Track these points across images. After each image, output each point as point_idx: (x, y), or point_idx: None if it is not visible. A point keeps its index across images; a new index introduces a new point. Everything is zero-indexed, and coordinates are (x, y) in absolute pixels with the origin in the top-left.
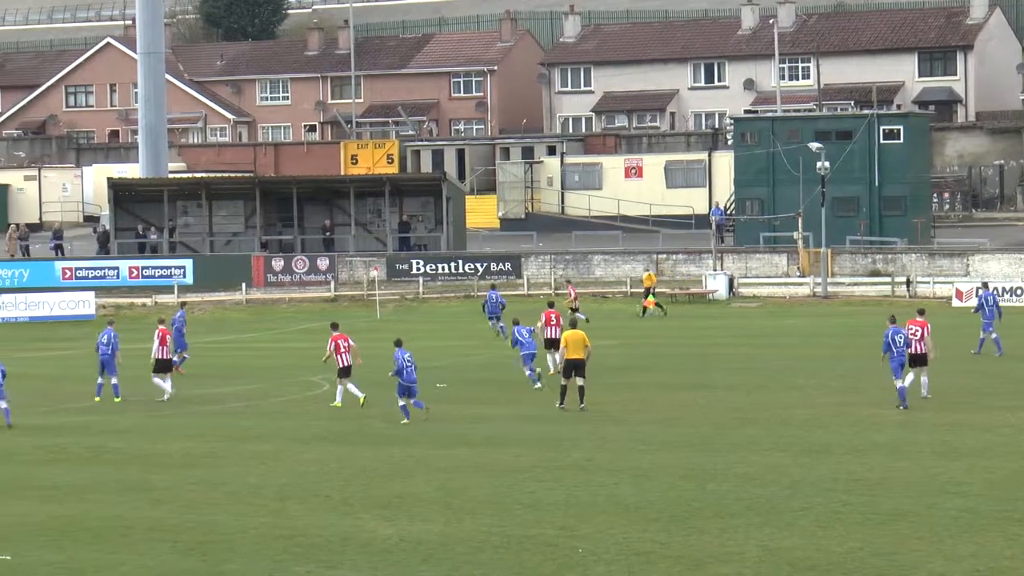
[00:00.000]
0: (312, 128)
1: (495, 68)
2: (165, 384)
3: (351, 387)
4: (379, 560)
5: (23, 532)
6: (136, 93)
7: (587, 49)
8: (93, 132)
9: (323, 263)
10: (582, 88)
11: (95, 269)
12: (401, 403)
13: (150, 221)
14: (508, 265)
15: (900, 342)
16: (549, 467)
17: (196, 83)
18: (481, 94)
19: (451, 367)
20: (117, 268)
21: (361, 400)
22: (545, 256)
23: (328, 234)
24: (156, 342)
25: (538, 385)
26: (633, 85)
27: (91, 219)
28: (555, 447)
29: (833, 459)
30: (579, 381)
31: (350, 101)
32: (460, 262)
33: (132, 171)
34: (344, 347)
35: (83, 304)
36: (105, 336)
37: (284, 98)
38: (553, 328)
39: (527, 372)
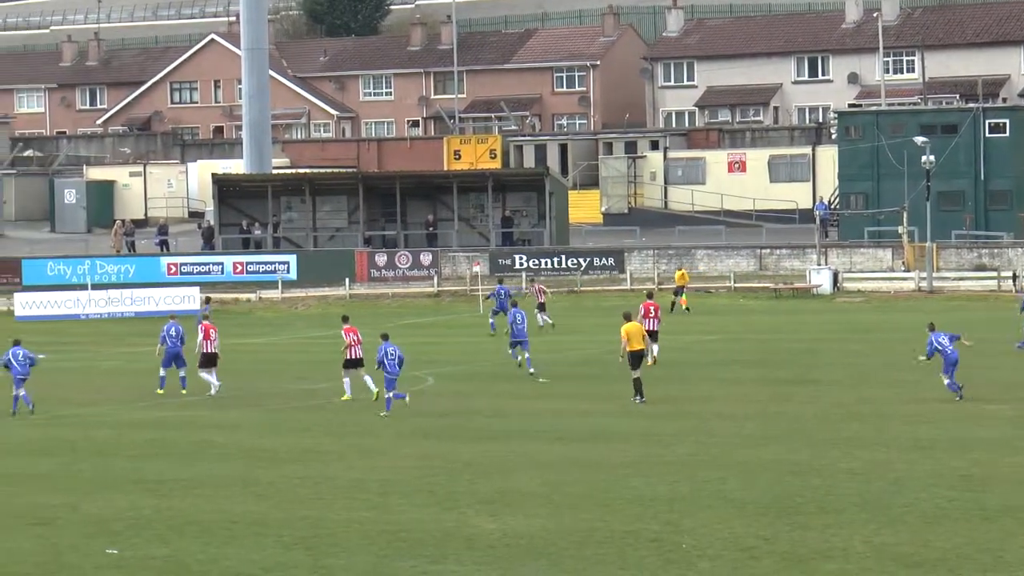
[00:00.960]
0: (415, 123)
1: (598, 63)
2: (211, 378)
3: (367, 380)
4: (483, 555)
5: (130, 526)
6: (240, 89)
7: (690, 43)
8: (198, 128)
9: (426, 258)
10: (685, 83)
11: (200, 265)
12: (386, 395)
13: (254, 217)
14: (611, 260)
15: (945, 343)
16: (652, 462)
17: (299, 79)
18: (584, 89)
19: (552, 362)
20: (222, 263)
21: (375, 394)
22: (648, 251)
23: (431, 229)
24: (200, 336)
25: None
26: (736, 79)
27: (196, 215)
28: (657, 442)
29: (938, 454)
30: (635, 373)
31: (453, 96)
32: (563, 257)
33: (236, 167)
34: (355, 340)
35: (188, 299)
36: (173, 329)
37: (387, 94)
38: (652, 320)
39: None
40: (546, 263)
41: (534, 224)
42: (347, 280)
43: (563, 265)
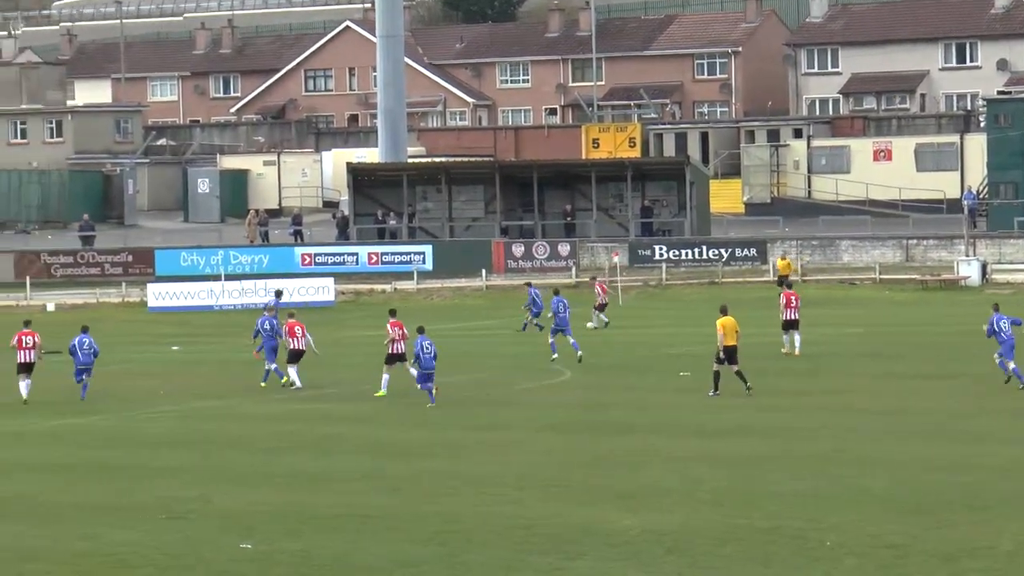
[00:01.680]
0: (553, 111)
1: (739, 49)
2: (293, 375)
3: (412, 371)
4: (621, 552)
5: (262, 520)
6: (375, 77)
7: (834, 29)
8: (332, 116)
9: (564, 249)
10: (829, 69)
11: (334, 255)
12: (432, 388)
13: (389, 206)
14: (753, 251)
15: (1005, 326)
16: (793, 457)
17: (435, 66)
18: (725, 76)
19: (693, 355)
20: (356, 254)
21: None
22: (791, 241)
23: (569, 219)
24: (284, 332)
25: (555, 356)
26: (882, 66)
27: (330, 204)
28: (798, 437)
29: None
30: (734, 368)
31: (591, 84)
32: (704, 248)
33: (371, 156)
34: (400, 335)
35: (323, 290)
36: (268, 324)
37: (524, 81)
38: (793, 310)
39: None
40: (686, 254)
41: (674, 214)
42: (483, 271)
43: (704, 256)
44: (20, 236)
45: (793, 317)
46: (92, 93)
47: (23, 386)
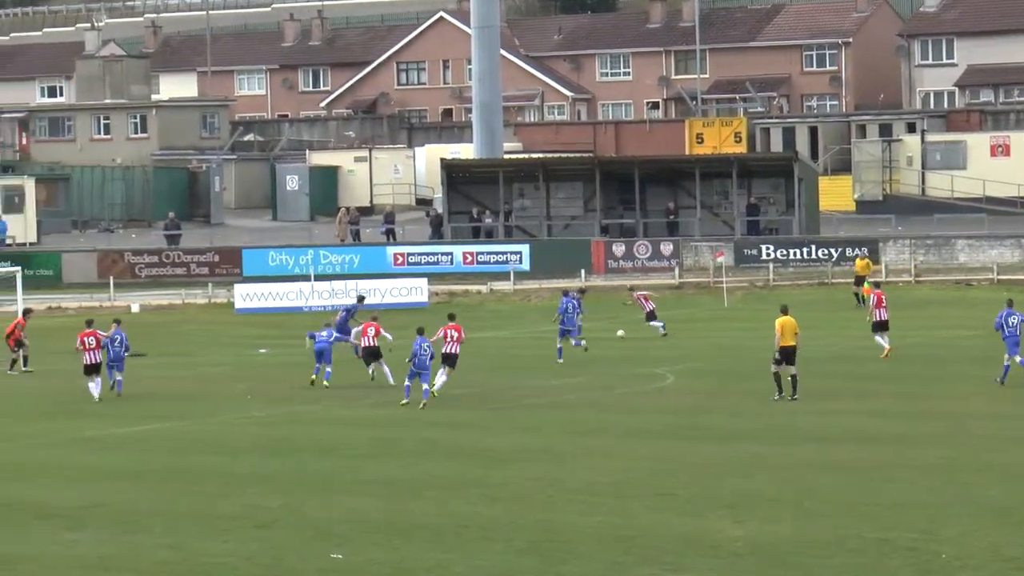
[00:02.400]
0: (654, 105)
1: (850, 40)
2: (383, 367)
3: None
4: (726, 564)
5: (353, 529)
6: (470, 70)
7: (950, 19)
8: (425, 111)
9: (667, 248)
10: (944, 61)
11: (428, 255)
12: (407, 383)
13: (485, 204)
14: (864, 250)
15: (1014, 323)
16: (907, 465)
17: (532, 59)
18: (835, 68)
19: (802, 359)
20: (451, 253)
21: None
22: (904, 241)
23: (672, 217)
24: (360, 331)
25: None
26: (1000, 57)
27: (423, 202)
28: (912, 444)
29: None
30: (791, 370)
31: (695, 76)
32: (813, 247)
33: (466, 151)
34: (454, 336)
35: (416, 291)
36: (325, 332)
37: (625, 74)
38: (883, 310)
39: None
40: (794, 253)
41: (782, 212)
42: (583, 271)
43: (813, 256)
44: (103, 235)
45: (884, 318)
46: (177, 87)
47: (92, 387)
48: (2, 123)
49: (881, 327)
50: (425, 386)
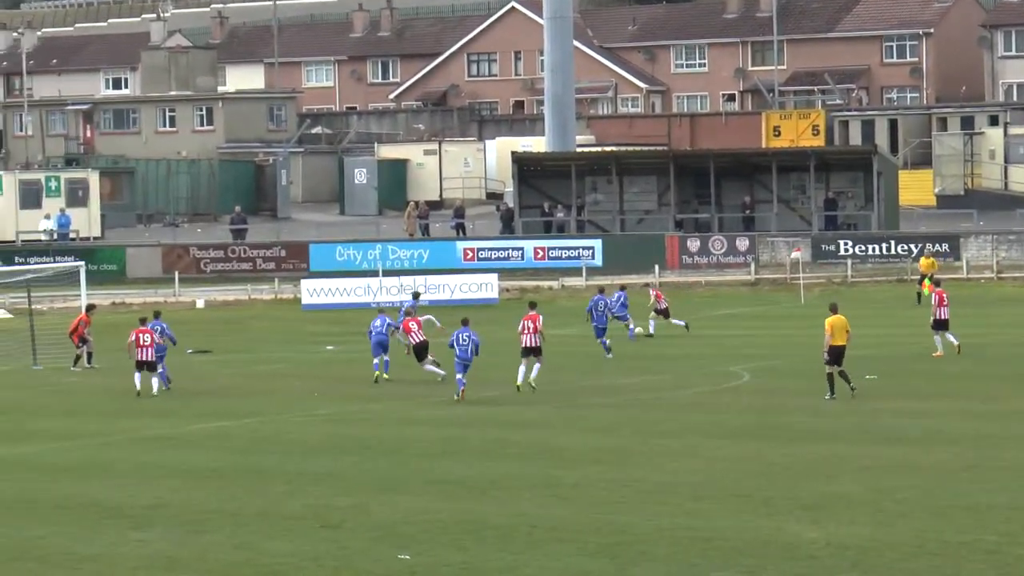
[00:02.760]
0: (731, 97)
1: (931, 31)
2: (433, 368)
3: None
4: (804, 566)
5: (422, 530)
6: (542, 61)
7: None
8: (496, 103)
9: (742, 243)
10: None
11: (498, 250)
12: (457, 376)
13: (556, 198)
14: (945, 246)
15: None
16: (988, 467)
17: (606, 50)
18: (916, 59)
19: (881, 357)
20: (522, 249)
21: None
22: (986, 236)
23: (748, 212)
24: (401, 329)
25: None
26: None
27: (494, 196)
28: (994, 445)
29: None
30: (837, 368)
31: (772, 68)
32: (892, 243)
33: (537, 144)
34: (531, 328)
35: (486, 287)
36: (378, 321)
37: (700, 65)
38: (943, 308)
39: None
40: (873, 249)
41: (860, 207)
42: (656, 267)
43: (892, 251)
44: (168, 229)
45: (945, 316)
46: (244, 79)
47: (137, 378)
48: (66, 115)
49: (941, 326)
50: (459, 375)
